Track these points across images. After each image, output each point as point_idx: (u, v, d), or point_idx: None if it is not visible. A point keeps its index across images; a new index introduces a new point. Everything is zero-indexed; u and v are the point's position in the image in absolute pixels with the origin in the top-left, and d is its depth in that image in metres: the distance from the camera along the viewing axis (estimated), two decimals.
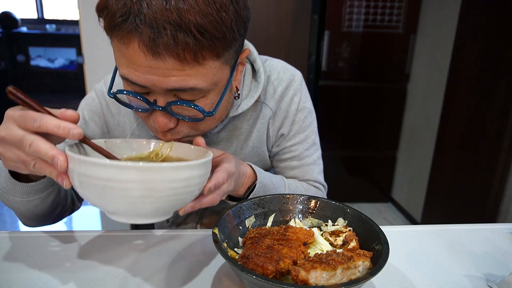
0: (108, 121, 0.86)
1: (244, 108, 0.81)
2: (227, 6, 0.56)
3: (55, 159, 0.50)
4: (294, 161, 0.92)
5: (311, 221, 0.69)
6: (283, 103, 0.88)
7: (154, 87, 0.59)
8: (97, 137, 0.86)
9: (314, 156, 0.93)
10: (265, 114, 0.87)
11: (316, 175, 0.93)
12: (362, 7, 2.67)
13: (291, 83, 0.88)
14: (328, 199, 0.70)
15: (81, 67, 2.92)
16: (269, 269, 0.50)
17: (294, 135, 0.90)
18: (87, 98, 0.88)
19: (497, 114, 1.99)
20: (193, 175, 0.52)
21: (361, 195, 3.18)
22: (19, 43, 4.66)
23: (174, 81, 0.57)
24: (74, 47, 4.68)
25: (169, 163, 0.50)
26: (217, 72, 0.61)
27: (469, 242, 0.78)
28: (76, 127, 0.52)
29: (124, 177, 0.47)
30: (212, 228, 0.57)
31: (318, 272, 0.48)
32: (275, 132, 0.90)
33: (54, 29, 4.65)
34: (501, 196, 1.98)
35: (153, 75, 0.57)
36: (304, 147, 0.91)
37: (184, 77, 0.57)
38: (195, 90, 0.59)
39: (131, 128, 0.86)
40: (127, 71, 0.58)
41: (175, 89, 0.59)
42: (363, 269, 0.52)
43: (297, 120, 0.90)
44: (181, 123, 0.66)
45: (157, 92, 0.60)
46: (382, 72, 2.86)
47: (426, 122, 2.66)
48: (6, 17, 4.43)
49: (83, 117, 0.85)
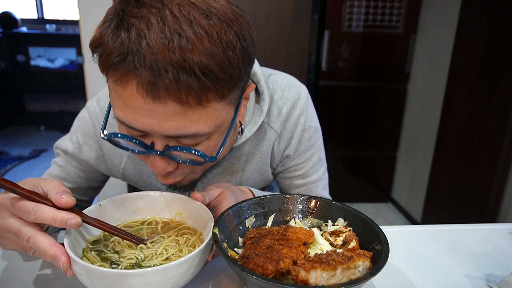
0: (103, 144, 0.81)
1: (248, 135, 0.77)
2: (234, 44, 0.51)
3: (57, 259, 0.49)
4: (299, 180, 0.90)
5: (311, 221, 0.69)
6: (288, 124, 0.83)
7: (153, 132, 0.54)
8: (91, 161, 0.83)
9: (319, 172, 0.91)
10: (270, 137, 0.83)
11: (320, 191, 0.92)
12: (362, 7, 2.67)
13: (297, 102, 0.83)
14: (328, 199, 0.70)
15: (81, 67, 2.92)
16: (269, 269, 0.50)
17: (300, 154, 0.87)
18: (80, 118, 0.83)
19: (497, 114, 1.99)
20: (184, 269, 0.52)
21: (361, 195, 3.18)
22: (19, 43, 4.66)
23: (175, 127, 0.52)
24: (74, 47, 4.68)
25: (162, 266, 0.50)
26: (221, 113, 0.56)
27: (469, 242, 0.78)
28: (73, 216, 0.50)
29: (126, 283, 0.49)
30: (212, 228, 0.57)
31: (318, 272, 0.48)
32: (280, 153, 0.86)
33: (54, 29, 4.65)
34: (501, 196, 1.98)
35: (152, 119, 0.51)
36: (309, 165, 0.89)
37: (185, 123, 0.52)
38: (197, 136, 0.55)
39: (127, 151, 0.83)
40: (123, 114, 0.53)
41: (176, 135, 0.54)
42: (363, 269, 0.52)
43: (303, 140, 0.86)
44: (182, 166, 0.62)
45: (156, 136, 0.55)
46: (382, 72, 2.86)
47: (426, 122, 2.66)
48: (6, 17, 4.43)
49: (77, 141, 0.81)
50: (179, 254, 0.58)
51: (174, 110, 0.50)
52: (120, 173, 0.85)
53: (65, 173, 0.83)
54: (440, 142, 2.48)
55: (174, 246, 0.60)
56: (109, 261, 0.56)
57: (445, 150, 2.44)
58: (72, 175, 0.83)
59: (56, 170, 0.83)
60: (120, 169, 0.84)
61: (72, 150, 0.82)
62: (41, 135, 4.35)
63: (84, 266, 0.49)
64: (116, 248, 0.59)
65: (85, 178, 0.85)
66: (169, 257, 0.58)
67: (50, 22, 4.70)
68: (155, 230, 0.66)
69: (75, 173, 0.83)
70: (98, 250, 0.59)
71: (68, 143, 0.82)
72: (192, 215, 0.67)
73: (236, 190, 0.71)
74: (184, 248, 0.60)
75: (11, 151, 3.78)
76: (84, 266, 0.49)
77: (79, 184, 0.85)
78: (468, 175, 2.23)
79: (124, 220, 0.67)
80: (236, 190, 0.72)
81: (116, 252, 0.59)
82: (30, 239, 0.50)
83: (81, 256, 0.56)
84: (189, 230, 0.65)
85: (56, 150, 0.85)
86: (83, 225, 0.59)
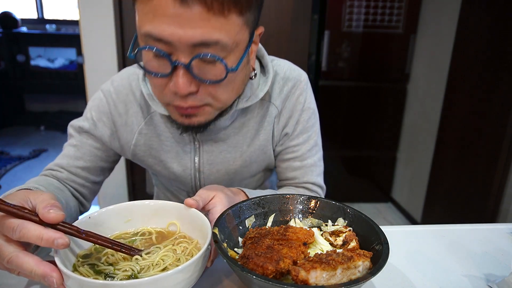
0: (116, 121, 0.86)
1: (254, 100, 0.81)
2: None
3: (48, 277, 0.47)
4: (296, 162, 0.92)
5: (311, 221, 0.69)
6: (288, 102, 0.88)
7: (178, 42, 0.58)
8: (106, 138, 0.85)
9: (315, 157, 0.93)
10: (271, 113, 0.87)
11: (315, 177, 0.93)
12: (362, 7, 2.67)
13: (297, 83, 0.88)
14: (328, 199, 0.70)
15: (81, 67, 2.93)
16: (269, 269, 0.50)
17: (298, 135, 0.90)
18: (94, 99, 0.87)
19: (497, 114, 1.99)
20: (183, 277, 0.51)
21: (361, 195, 3.18)
22: (19, 43, 4.66)
23: (200, 33, 0.57)
24: (74, 47, 4.68)
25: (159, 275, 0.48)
26: (239, 31, 0.61)
27: (469, 242, 0.78)
28: (60, 236, 0.48)
29: None
30: (212, 228, 0.57)
31: (318, 272, 0.48)
32: (279, 131, 0.90)
33: (54, 29, 4.65)
34: (501, 196, 1.98)
35: (179, 29, 0.56)
36: (306, 147, 0.91)
37: (209, 29, 0.57)
38: (219, 44, 0.59)
39: (138, 127, 0.86)
40: (151, 26, 0.57)
41: (200, 42, 0.58)
42: (363, 269, 0.52)
43: (302, 120, 0.89)
44: (202, 89, 0.65)
45: (181, 49, 0.59)
46: (382, 72, 2.86)
47: (426, 122, 2.66)
48: (6, 17, 4.43)
49: (91, 118, 0.85)
50: (177, 264, 0.57)
51: (200, 15, 0.55)
52: (131, 149, 0.88)
53: (81, 152, 0.85)
54: (440, 142, 2.49)
55: (172, 256, 0.58)
56: (104, 274, 0.54)
57: (445, 150, 2.44)
58: (87, 154, 0.85)
59: (71, 151, 0.85)
60: (131, 145, 0.87)
61: (87, 127, 0.85)
62: (41, 135, 4.35)
63: (79, 280, 0.47)
64: (110, 261, 0.57)
65: (100, 156, 0.87)
66: (167, 267, 0.56)
67: (50, 22, 4.70)
68: (150, 240, 0.63)
69: (90, 152, 0.86)
70: (90, 264, 0.56)
71: (83, 121, 0.86)
72: (187, 223, 0.65)
73: (228, 192, 0.71)
74: (181, 257, 0.58)
75: (11, 151, 3.79)
76: (80, 280, 0.47)
77: (94, 163, 0.87)
78: (468, 175, 2.23)
79: (114, 232, 0.65)
80: (229, 192, 0.72)
81: (110, 265, 0.56)
82: (12, 260, 0.47)
83: (72, 271, 0.53)
84: (185, 239, 0.63)
85: (69, 131, 0.87)
86: (72, 239, 0.56)
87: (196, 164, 0.88)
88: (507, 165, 1.94)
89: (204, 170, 0.88)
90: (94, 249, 0.60)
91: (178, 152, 0.87)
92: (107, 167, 0.91)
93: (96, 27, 2.01)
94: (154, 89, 0.69)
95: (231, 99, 0.73)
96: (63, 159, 0.85)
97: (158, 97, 0.70)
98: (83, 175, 0.86)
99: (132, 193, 2.34)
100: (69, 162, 0.84)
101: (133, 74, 0.87)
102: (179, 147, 0.87)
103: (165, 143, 0.87)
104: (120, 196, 2.33)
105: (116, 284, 0.47)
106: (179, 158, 0.87)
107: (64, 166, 0.84)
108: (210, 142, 0.86)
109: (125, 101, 0.85)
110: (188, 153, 0.87)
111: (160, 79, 0.64)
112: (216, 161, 0.88)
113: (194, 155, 0.87)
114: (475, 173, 2.16)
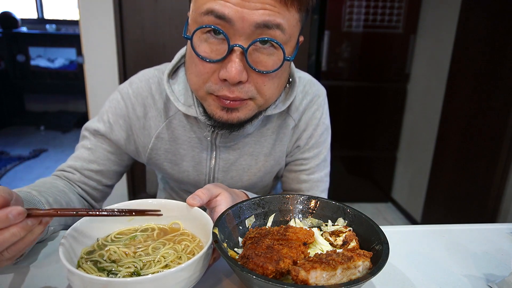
0: (133, 124, 0.84)
1: (281, 108, 0.81)
2: None
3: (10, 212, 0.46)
4: (303, 175, 0.92)
5: (311, 221, 0.69)
6: (305, 115, 0.89)
7: (241, 21, 0.59)
8: (121, 141, 0.85)
9: (322, 173, 0.93)
10: (289, 125, 0.88)
11: (319, 193, 0.94)
12: (362, 7, 2.68)
13: (316, 98, 0.89)
14: (328, 199, 0.70)
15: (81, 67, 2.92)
16: (269, 269, 0.50)
17: (309, 149, 0.91)
18: (111, 100, 0.86)
19: (497, 114, 1.99)
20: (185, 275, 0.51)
21: (361, 195, 3.18)
22: (19, 43, 4.66)
23: (264, 14, 0.59)
24: (74, 47, 4.68)
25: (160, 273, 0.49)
26: (295, 25, 0.64)
27: (469, 242, 0.78)
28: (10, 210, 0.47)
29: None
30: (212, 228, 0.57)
31: (318, 272, 0.48)
32: (292, 142, 0.90)
33: (54, 29, 4.65)
34: (501, 196, 1.98)
35: (244, 8, 0.58)
36: (315, 162, 0.92)
37: (273, 12, 0.59)
38: (280, 29, 0.61)
39: (156, 131, 0.85)
40: (215, 3, 0.58)
41: (263, 23, 0.59)
42: (363, 269, 0.52)
43: (315, 134, 0.90)
44: (250, 81, 0.66)
45: (241, 31, 0.60)
46: (382, 72, 2.86)
47: (426, 122, 2.66)
48: (6, 17, 4.43)
49: (108, 121, 0.84)
50: (178, 261, 0.57)
51: (267, 0, 0.58)
52: (147, 153, 0.87)
53: (95, 156, 0.85)
54: (440, 142, 2.49)
55: (173, 253, 0.58)
56: (106, 271, 0.55)
57: (445, 150, 2.44)
58: (101, 158, 0.85)
59: (85, 153, 0.85)
60: (148, 149, 0.86)
61: (103, 130, 0.84)
62: (41, 135, 4.35)
63: (83, 277, 0.47)
64: (113, 257, 0.58)
65: (113, 161, 0.87)
66: (168, 264, 0.57)
67: (50, 22, 4.70)
68: (151, 236, 0.64)
69: (104, 156, 0.85)
70: (93, 260, 0.57)
71: (99, 123, 0.85)
72: (189, 222, 0.65)
73: (232, 193, 0.72)
74: (183, 255, 0.59)
75: (11, 151, 3.79)
76: (84, 277, 0.47)
77: (107, 167, 0.86)
78: (468, 175, 2.23)
79: (117, 229, 0.65)
80: (233, 193, 0.72)
81: (113, 261, 0.57)
82: None
83: (76, 267, 0.55)
84: (188, 237, 0.64)
85: (84, 133, 0.87)
86: (77, 236, 0.58)
87: (211, 170, 0.88)
88: (507, 165, 1.94)
89: (218, 177, 0.89)
90: (96, 246, 0.61)
91: (194, 157, 0.87)
92: (120, 171, 0.91)
93: (96, 27, 2.01)
94: (197, 78, 0.67)
95: (274, 97, 0.73)
96: (77, 161, 0.84)
97: (199, 88, 0.69)
98: (96, 178, 0.86)
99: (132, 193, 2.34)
100: (82, 165, 0.84)
101: (153, 77, 0.85)
102: (196, 153, 0.86)
103: (182, 147, 0.86)
104: (120, 196, 2.34)
105: (119, 281, 0.47)
106: (195, 163, 0.87)
107: (78, 168, 0.84)
108: (228, 149, 0.86)
109: (144, 104, 0.84)
110: (205, 159, 0.87)
111: (209, 65, 0.64)
112: (232, 168, 0.88)
113: (210, 161, 0.87)
114: (475, 173, 2.16)
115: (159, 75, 0.85)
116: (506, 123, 1.92)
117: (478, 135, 2.14)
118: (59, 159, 3.68)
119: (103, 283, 0.47)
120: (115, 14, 1.99)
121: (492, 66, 2.04)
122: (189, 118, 0.83)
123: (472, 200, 2.19)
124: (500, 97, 1.97)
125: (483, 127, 2.10)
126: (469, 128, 2.22)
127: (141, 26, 2.06)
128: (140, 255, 0.59)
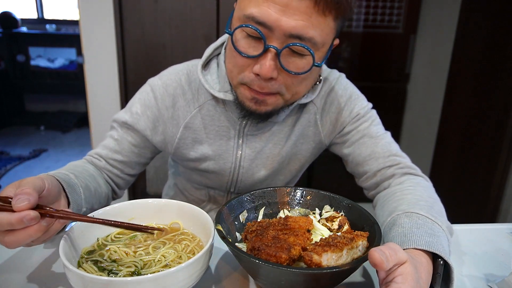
0: (162, 114, 0.88)
1: (311, 97, 0.85)
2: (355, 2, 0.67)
3: (25, 217, 0.49)
4: (365, 138, 0.90)
5: (298, 210, 0.71)
6: (328, 97, 0.91)
7: (278, 29, 0.63)
8: (147, 131, 0.87)
9: (388, 136, 0.91)
10: (310, 110, 0.90)
11: (396, 150, 0.90)
12: (362, 7, 2.67)
13: (331, 80, 0.92)
14: (313, 189, 0.73)
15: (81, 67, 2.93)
16: (282, 257, 0.51)
17: (357, 117, 0.91)
18: (141, 92, 0.90)
19: (497, 114, 1.99)
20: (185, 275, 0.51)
21: (361, 195, 3.17)
22: (19, 43, 4.66)
23: (299, 26, 0.63)
24: (74, 47, 4.68)
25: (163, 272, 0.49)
26: (329, 33, 0.68)
27: (469, 242, 0.78)
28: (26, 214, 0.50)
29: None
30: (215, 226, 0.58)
31: (328, 255, 0.51)
32: (327, 123, 0.91)
33: (54, 29, 4.64)
34: (501, 196, 1.98)
35: (283, 16, 0.62)
36: (375, 126, 0.92)
37: (308, 24, 0.63)
38: (311, 42, 0.65)
39: (184, 120, 0.88)
40: (257, 10, 0.63)
41: (296, 34, 0.63)
42: (362, 248, 0.56)
43: (355, 107, 0.92)
44: (280, 78, 0.70)
45: (276, 36, 0.65)
46: (382, 72, 2.86)
47: (426, 122, 2.66)
48: (6, 17, 4.43)
49: (136, 112, 0.87)
50: (178, 261, 0.57)
51: (305, 9, 0.62)
52: (175, 143, 0.90)
53: (120, 147, 0.88)
54: (440, 142, 2.49)
55: (173, 253, 0.59)
56: (107, 271, 0.55)
57: (445, 150, 2.44)
58: (125, 149, 0.89)
59: (111, 144, 0.89)
60: (176, 139, 0.90)
61: (130, 121, 0.87)
62: (41, 135, 4.35)
63: (83, 276, 0.47)
64: (113, 257, 0.58)
65: (137, 153, 0.90)
66: (168, 263, 0.57)
67: (50, 22, 4.70)
68: (151, 236, 0.64)
69: (128, 148, 0.89)
70: (94, 260, 0.57)
71: (126, 114, 0.88)
72: (189, 221, 0.65)
73: (416, 264, 0.52)
74: (183, 255, 0.59)
75: (11, 151, 3.78)
76: (84, 276, 0.47)
77: (130, 158, 0.90)
78: (468, 175, 2.23)
79: (117, 229, 0.65)
80: (415, 265, 0.51)
81: (114, 261, 0.57)
82: None
83: (77, 267, 0.55)
84: (188, 237, 0.64)
85: (113, 124, 0.91)
86: (77, 236, 0.58)
87: (237, 158, 0.90)
88: (507, 165, 1.94)
89: (244, 165, 0.91)
90: (97, 246, 0.61)
91: (221, 145, 0.90)
92: (143, 162, 0.95)
93: (96, 27, 2.01)
94: (234, 68, 0.73)
95: (301, 94, 0.78)
96: (104, 149, 0.89)
97: (234, 77, 0.74)
98: (119, 167, 0.90)
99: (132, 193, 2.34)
100: (108, 154, 0.88)
101: (182, 69, 0.90)
102: (223, 141, 0.89)
103: (209, 136, 0.89)
104: None
105: (120, 280, 0.47)
106: (221, 151, 0.90)
107: (103, 156, 0.88)
108: (255, 137, 0.89)
109: (173, 95, 0.87)
110: (232, 147, 0.90)
111: (245, 60, 0.70)
112: (257, 156, 0.91)
113: (237, 150, 0.90)
114: (475, 173, 2.16)
115: (188, 68, 0.89)
116: (506, 123, 1.92)
117: (478, 135, 2.14)
118: (59, 159, 3.68)
119: (104, 283, 0.47)
120: (115, 14, 1.99)
121: (492, 66, 2.04)
122: (217, 107, 0.87)
123: (472, 200, 2.19)
124: (500, 97, 1.97)
125: (483, 127, 2.10)
126: (469, 128, 2.22)
127: (141, 26, 2.06)
128: (140, 255, 0.59)
